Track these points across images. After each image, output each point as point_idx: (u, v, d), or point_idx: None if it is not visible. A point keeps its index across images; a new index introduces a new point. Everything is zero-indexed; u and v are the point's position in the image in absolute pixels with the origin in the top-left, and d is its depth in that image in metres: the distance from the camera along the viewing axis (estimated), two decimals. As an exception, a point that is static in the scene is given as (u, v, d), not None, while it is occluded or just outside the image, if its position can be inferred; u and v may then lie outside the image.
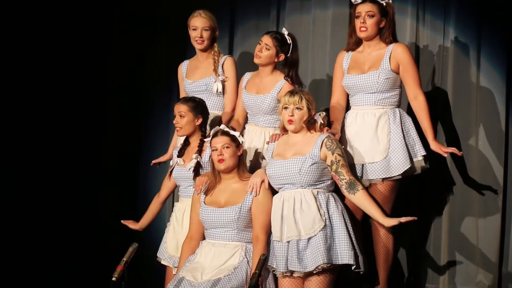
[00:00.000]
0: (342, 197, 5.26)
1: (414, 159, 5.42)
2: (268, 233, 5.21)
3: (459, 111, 6.00)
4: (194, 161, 5.53)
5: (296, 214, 5.09)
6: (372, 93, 5.44)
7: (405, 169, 5.34)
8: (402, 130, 5.41)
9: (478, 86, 5.97)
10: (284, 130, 5.32)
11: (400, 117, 5.44)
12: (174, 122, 5.61)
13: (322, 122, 5.27)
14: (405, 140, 5.39)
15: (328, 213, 5.10)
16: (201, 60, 5.99)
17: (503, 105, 5.91)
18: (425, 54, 6.12)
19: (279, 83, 5.66)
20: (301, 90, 5.30)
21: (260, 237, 5.16)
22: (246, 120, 5.86)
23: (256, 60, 5.68)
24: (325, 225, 5.05)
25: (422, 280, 5.99)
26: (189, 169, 5.54)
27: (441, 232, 5.99)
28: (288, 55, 5.65)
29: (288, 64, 5.66)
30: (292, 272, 5.09)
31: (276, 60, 5.67)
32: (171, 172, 5.72)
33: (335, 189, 5.24)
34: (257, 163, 5.63)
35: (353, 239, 5.07)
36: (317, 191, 5.13)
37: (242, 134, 5.62)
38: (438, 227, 6.01)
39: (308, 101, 5.20)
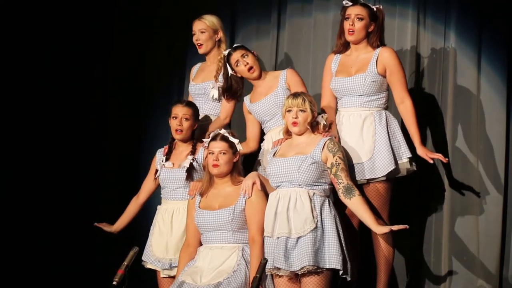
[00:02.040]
0: (339, 205, 5.27)
1: (399, 161, 5.43)
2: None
3: (460, 114, 6.00)
4: (189, 161, 5.55)
5: (290, 212, 5.10)
6: (359, 95, 5.47)
7: (390, 170, 5.35)
8: (388, 132, 5.42)
9: (479, 89, 5.97)
10: (288, 134, 5.34)
11: (386, 119, 5.46)
12: (176, 124, 5.60)
13: (325, 123, 5.28)
14: (390, 142, 5.40)
15: (321, 216, 5.10)
16: (208, 64, 6.02)
17: (503, 108, 5.91)
18: (426, 57, 6.12)
19: (282, 74, 5.73)
20: (303, 92, 5.32)
21: (256, 239, 5.19)
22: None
23: (254, 75, 5.72)
24: (316, 227, 5.05)
25: (422, 284, 6.00)
26: (183, 167, 5.55)
27: (441, 238, 5.99)
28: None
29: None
30: (278, 270, 5.08)
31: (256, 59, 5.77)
32: (156, 175, 5.70)
33: (333, 196, 5.24)
34: None
35: (343, 245, 5.08)
36: (313, 193, 5.14)
37: (249, 153, 5.76)
38: (438, 232, 6.01)
39: (311, 103, 5.24)
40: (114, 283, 4.76)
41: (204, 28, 5.92)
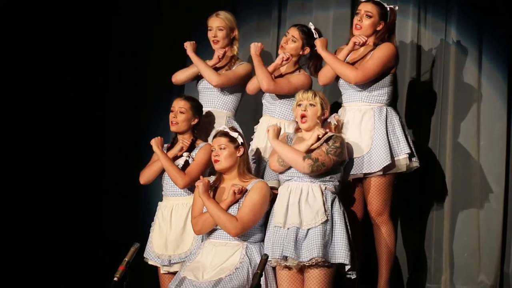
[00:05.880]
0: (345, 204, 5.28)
1: (397, 157, 5.42)
2: (250, 225, 5.19)
3: (461, 111, 6.03)
4: (184, 158, 5.56)
5: (301, 203, 5.10)
6: (359, 90, 5.47)
7: (385, 165, 5.35)
8: (387, 128, 5.42)
9: (479, 87, 6.00)
10: (298, 131, 5.31)
11: (386, 115, 5.45)
12: (172, 116, 5.65)
13: (336, 124, 5.27)
14: (388, 138, 5.40)
15: (331, 211, 5.11)
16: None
17: (504, 105, 5.95)
18: (427, 55, 6.15)
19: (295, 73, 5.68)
20: (315, 90, 5.32)
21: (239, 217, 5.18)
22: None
23: (281, 52, 5.67)
24: (326, 220, 5.06)
25: (423, 280, 6.01)
26: (178, 165, 5.57)
27: (442, 232, 6.02)
28: (315, 49, 5.61)
29: (314, 56, 5.66)
30: (286, 260, 5.08)
31: (301, 53, 5.68)
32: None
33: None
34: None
35: (351, 242, 5.09)
36: (325, 187, 5.14)
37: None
38: (439, 226, 6.03)
39: (323, 99, 5.22)
40: (115, 279, 4.76)
41: (222, 26, 5.92)
